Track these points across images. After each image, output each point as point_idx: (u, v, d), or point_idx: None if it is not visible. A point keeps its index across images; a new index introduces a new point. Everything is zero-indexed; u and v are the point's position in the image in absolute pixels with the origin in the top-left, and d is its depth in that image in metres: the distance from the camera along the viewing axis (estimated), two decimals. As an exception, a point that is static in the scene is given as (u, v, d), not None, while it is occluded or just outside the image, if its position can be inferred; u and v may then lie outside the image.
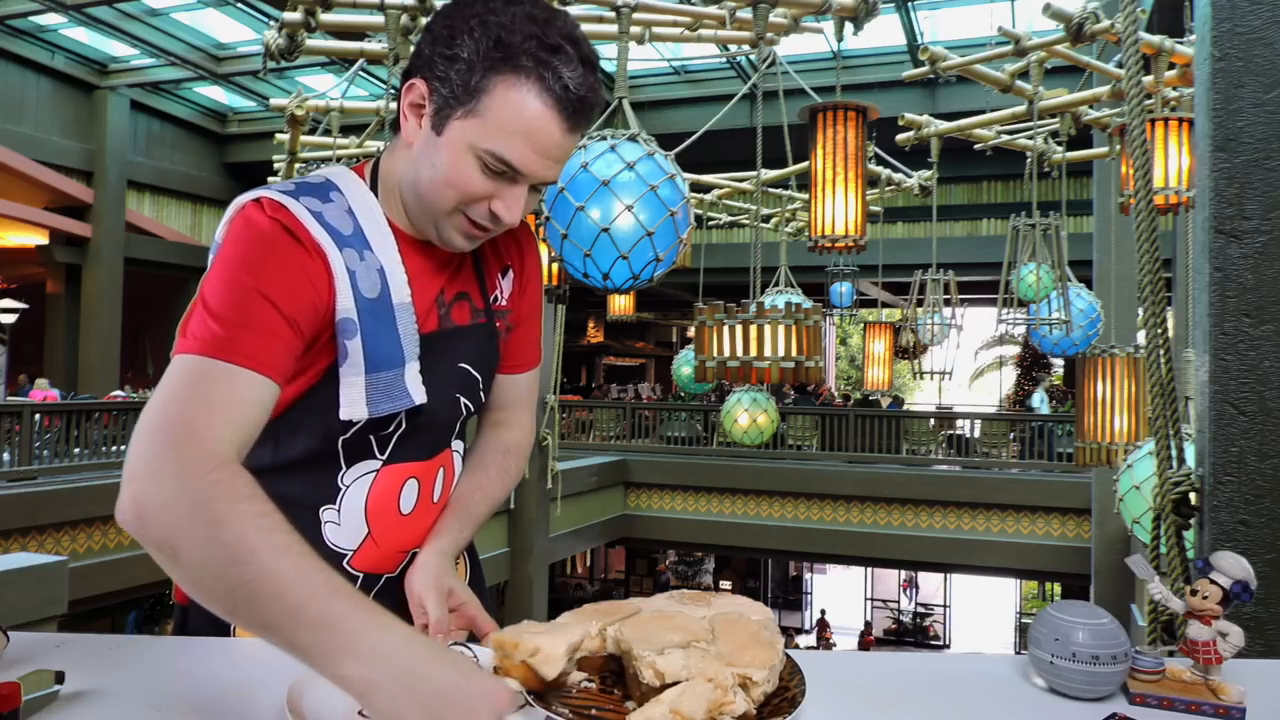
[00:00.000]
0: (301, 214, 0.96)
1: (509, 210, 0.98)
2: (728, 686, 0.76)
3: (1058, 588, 18.06)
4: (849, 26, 3.43)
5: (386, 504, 1.08)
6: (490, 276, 1.16)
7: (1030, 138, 5.29)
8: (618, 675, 0.86)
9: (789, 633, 17.37)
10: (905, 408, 17.84)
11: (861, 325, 9.88)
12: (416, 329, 1.03)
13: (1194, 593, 0.90)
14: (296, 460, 1.05)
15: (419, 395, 1.03)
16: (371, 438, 1.06)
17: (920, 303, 7.81)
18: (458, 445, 1.17)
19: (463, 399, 1.12)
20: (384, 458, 1.07)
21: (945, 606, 20.34)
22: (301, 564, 0.73)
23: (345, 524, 1.07)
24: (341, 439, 1.04)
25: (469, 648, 0.94)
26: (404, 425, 1.06)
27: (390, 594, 1.12)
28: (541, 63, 0.92)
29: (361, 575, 1.10)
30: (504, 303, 1.17)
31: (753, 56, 7.47)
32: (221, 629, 1.02)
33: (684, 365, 7.78)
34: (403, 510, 1.09)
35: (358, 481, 1.06)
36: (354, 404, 1.00)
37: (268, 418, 0.90)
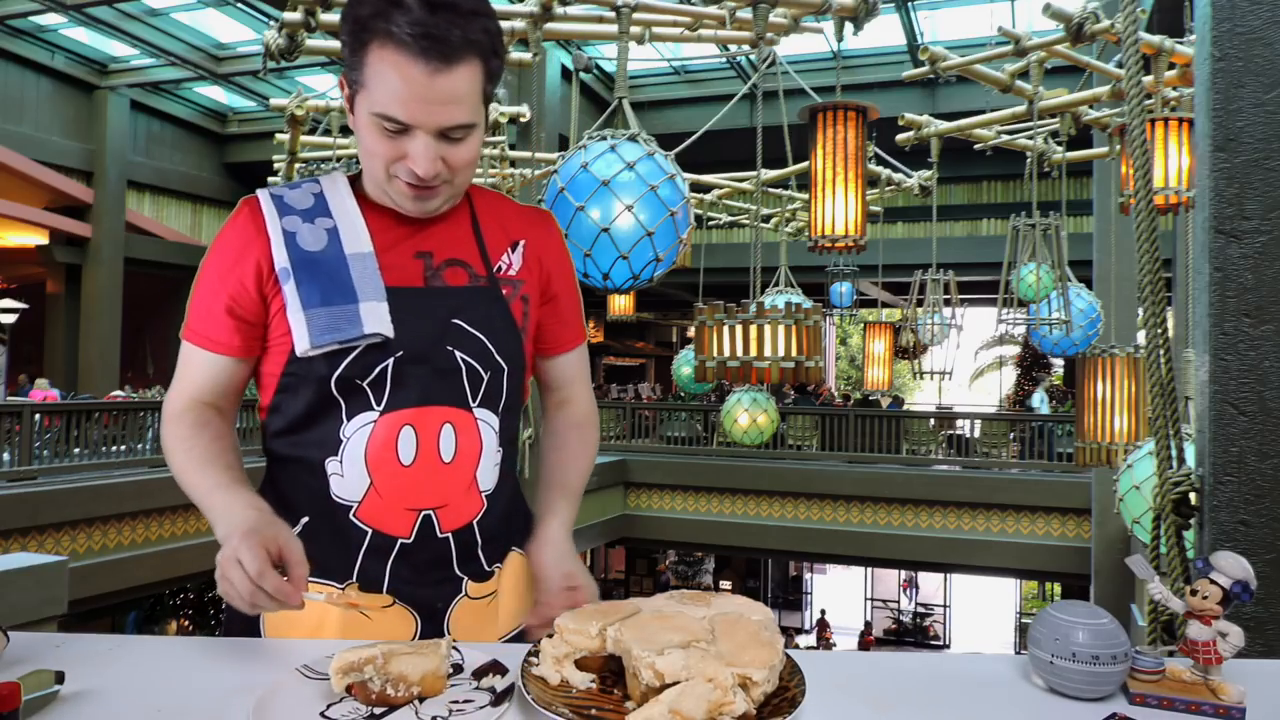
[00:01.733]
0: (262, 196, 1.18)
1: (418, 162, 1.08)
2: (728, 686, 0.76)
3: (1058, 588, 18.07)
4: (849, 26, 3.43)
5: (385, 452, 1.12)
6: (495, 248, 1.23)
7: (1030, 138, 5.29)
8: (618, 675, 0.86)
9: (789, 633, 17.37)
10: (905, 408, 17.83)
11: (861, 325, 9.88)
12: (378, 274, 1.15)
13: (1194, 593, 0.90)
14: (302, 419, 1.15)
15: (374, 326, 1.12)
16: (366, 386, 1.12)
17: (920, 303, 7.82)
18: (482, 414, 1.18)
19: (459, 353, 1.16)
20: (381, 407, 1.13)
21: (945, 606, 20.35)
22: (203, 473, 1.12)
23: (348, 474, 1.13)
24: (334, 386, 1.12)
25: (458, 648, 0.94)
26: (390, 369, 1.13)
27: (407, 561, 1.14)
28: (387, 19, 1.04)
29: (371, 530, 1.13)
30: (514, 273, 1.24)
31: (753, 56, 7.47)
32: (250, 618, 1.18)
33: (684, 365, 7.78)
34: (402, 460, 1.13)
35: (358, 432, 1.13)
36: (300, 338, 1.12)
37: (224, 376, 1.18)
